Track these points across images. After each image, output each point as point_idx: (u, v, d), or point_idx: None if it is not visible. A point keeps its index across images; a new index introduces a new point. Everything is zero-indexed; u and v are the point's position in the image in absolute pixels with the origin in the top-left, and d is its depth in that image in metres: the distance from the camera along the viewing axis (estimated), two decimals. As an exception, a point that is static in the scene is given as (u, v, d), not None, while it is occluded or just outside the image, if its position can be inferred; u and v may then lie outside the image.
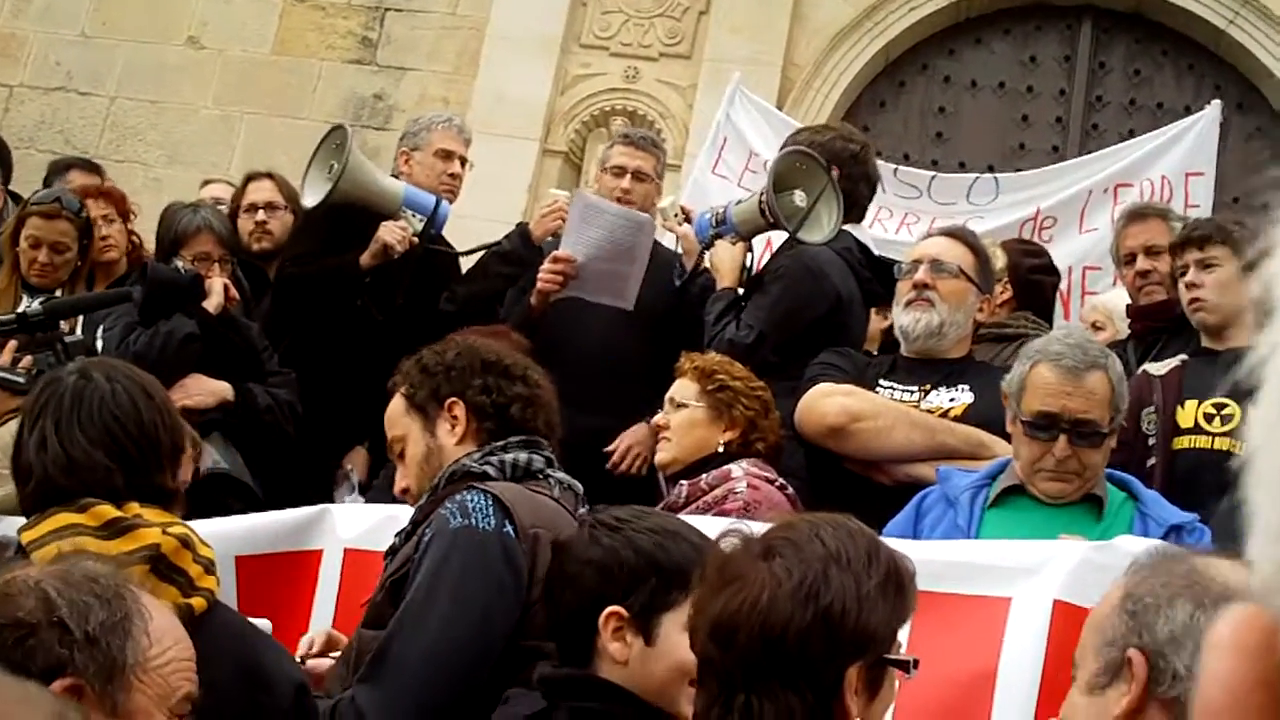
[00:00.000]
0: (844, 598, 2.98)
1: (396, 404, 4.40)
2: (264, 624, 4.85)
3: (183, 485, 4.14)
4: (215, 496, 6.38)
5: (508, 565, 3.91)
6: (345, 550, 5.16)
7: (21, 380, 5.84)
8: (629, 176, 7.34)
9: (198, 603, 3.65)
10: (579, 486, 4.33)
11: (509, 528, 3.94)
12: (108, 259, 7.60)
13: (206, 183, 9.34)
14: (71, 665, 2.69)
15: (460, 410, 4.29)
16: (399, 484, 4.39)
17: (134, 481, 3.78)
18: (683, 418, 5.68)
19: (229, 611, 3.93)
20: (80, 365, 4.05)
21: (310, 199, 7.13)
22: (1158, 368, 6.17)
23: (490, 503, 3.96)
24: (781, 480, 5.54)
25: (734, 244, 6.88)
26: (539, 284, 6.87)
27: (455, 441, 4.27)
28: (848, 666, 2.96)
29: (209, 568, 3.76)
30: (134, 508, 3.71)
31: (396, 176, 7.55)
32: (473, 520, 3.92)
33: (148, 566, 3.58)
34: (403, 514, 4.38)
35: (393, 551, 4.22)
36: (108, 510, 3.65)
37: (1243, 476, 1.02)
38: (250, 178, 8.45)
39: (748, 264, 6.93)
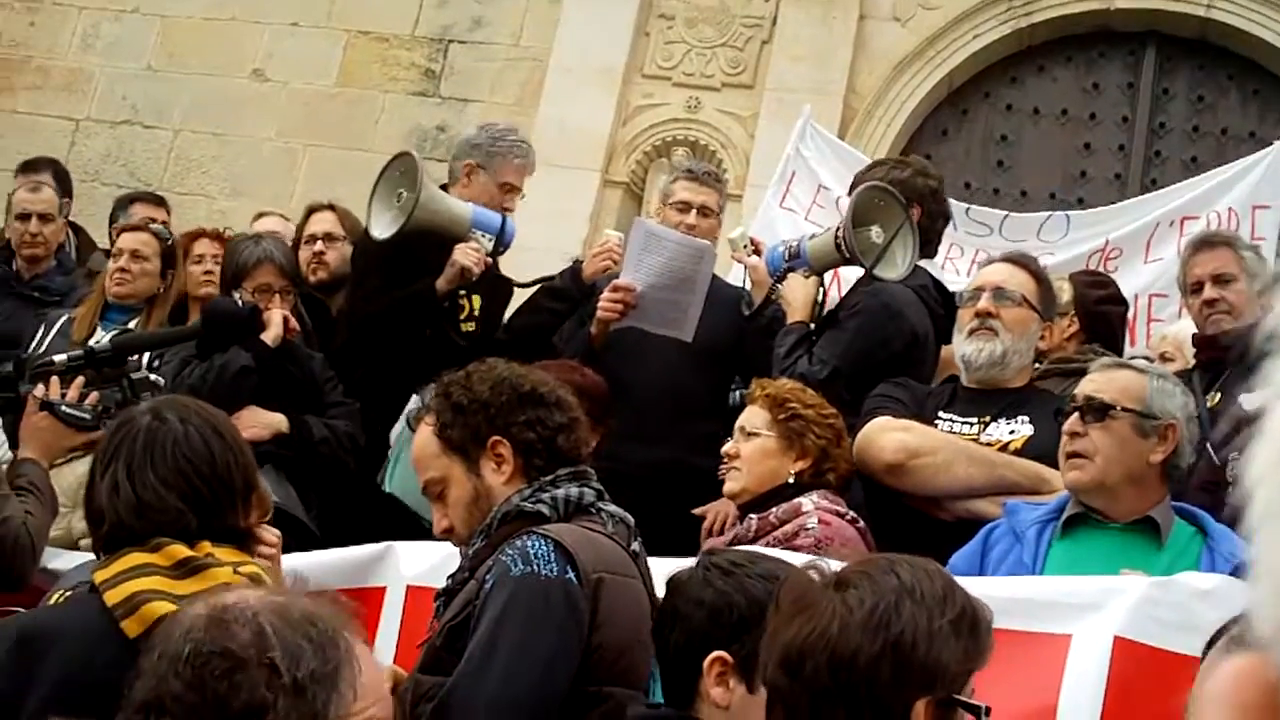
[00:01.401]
0: (914, 630, 2.98)
1: (429, 443, 4.28)
2: None
3: (256, 522, 4.14)
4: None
5: (570, 612, 3.87)
6: (408, 587, 5.15)
7: (88, 417, 5.86)
8: (694, 211, 7.29)
9: None
10: (630, 519, 4.28)
11: (571, 574, 3.89)
12: (205, 293, 7.66)
13: (260, 216, 9.34)
14: (273, 710, 2.65)
15: (505, 449, 4.21)
16: (440, 524, 4.28)
17: (206, 522, 3.79)
18: (754, 447, 5.59)
19: None
20: (154, 405, 4.05)
21: (381, 229, 7.04)
22: (1252, 400, 6.03)
23: (552, 548, 3.91)
24: (853, 514, 5.48)
25: (807, 278, 6.85)
26: (599, 313, 6.85)
27: (503, 481, 4.19)
28: (915, 700, 2.97)
29: None
30: (206, 547, 3.72)
31: (445, 187, 7.50)
32: (534, 567, 3.87)
33: None
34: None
35: (446, 593, 4.19)
36: (179, 550, 3.66)
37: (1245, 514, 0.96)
38: (312, 209, 8.48)
39: (819, 298, 6.90)
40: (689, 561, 4.27)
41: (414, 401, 6.15)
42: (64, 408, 5.87)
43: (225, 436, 3.96)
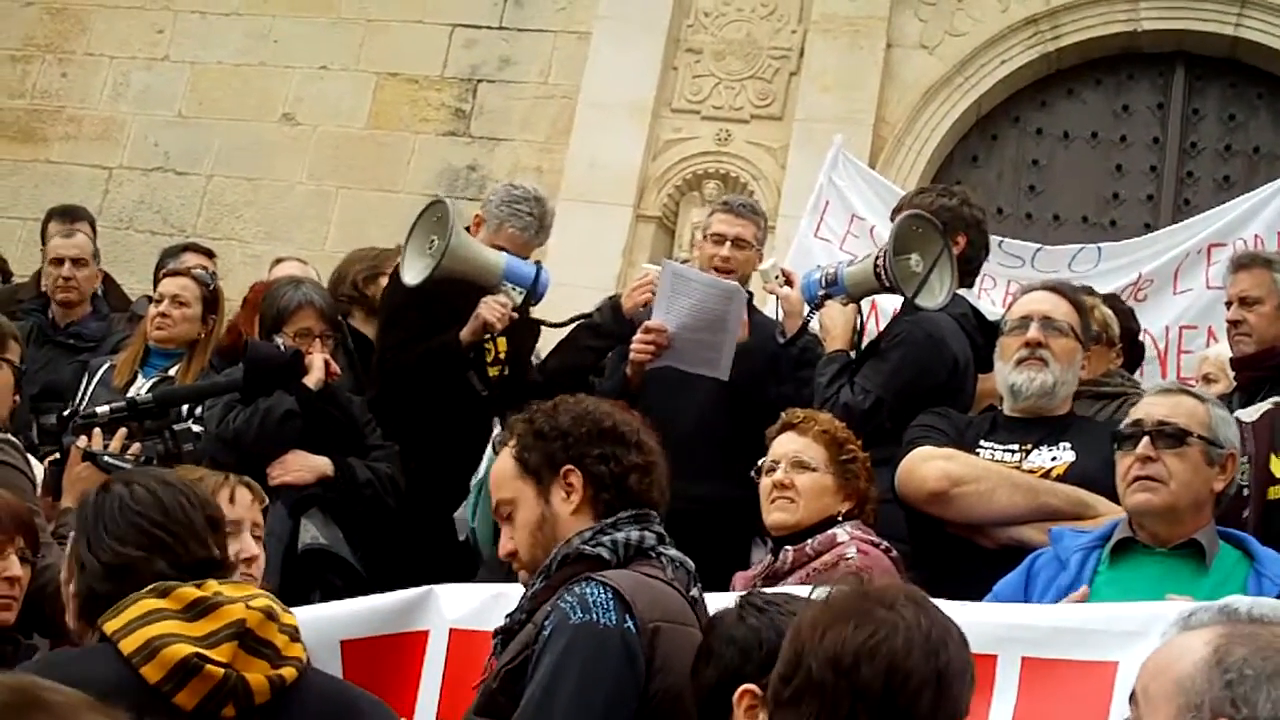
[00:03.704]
0: (955, 666, 3.03)
1: (506, 465, 4.29)
2: None
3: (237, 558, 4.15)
4: (315, 572, 6.41)
5: (628, 661, 3.84)
6: (451, 630, 5.11)
7: (130, 467, 5.90)
8: (728, 244, 7.27)
9: (288, 672, 3.65)
10: (690, 564, 4.24)
11: (629, 622, 3.87)
12: None
13: (278, 261, 9.35)
14: None
15: (577, 479, 4.19)
16: (505, 546, 4.26)
17: (177, 561, 3.79)
18: (812, 482, 5.56)
19: (320, 675, 3.92)
20: (104, 482, 4.08)
21: (411, 276, 7.04)
22: (1249, 413, 6.07)
23: (610, 596, 3.89)
24: (886, 544, 5.48)
25: (844, 305, 6.83)
26: (632, 354, 6.86)
27: (571, 511, 4.17)
28: None
29: (294, 635, 3.75)
30: (212, 585, 3.72)
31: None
32: (593, 615, 3.85)
33: (236, 643, 3.60)
34: (510, 592, 4.30)
35: (505, 632, 4.16)
36: (189, 592, 3.65)
37: None
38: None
39: (857, 326, 6.88)
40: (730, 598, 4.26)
41: (498, 429, 6.23)
42: (106, 458, 5.92)
43: (174, 484, 3.98)
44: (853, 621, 3.01)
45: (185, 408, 6.91)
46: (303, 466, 6.70)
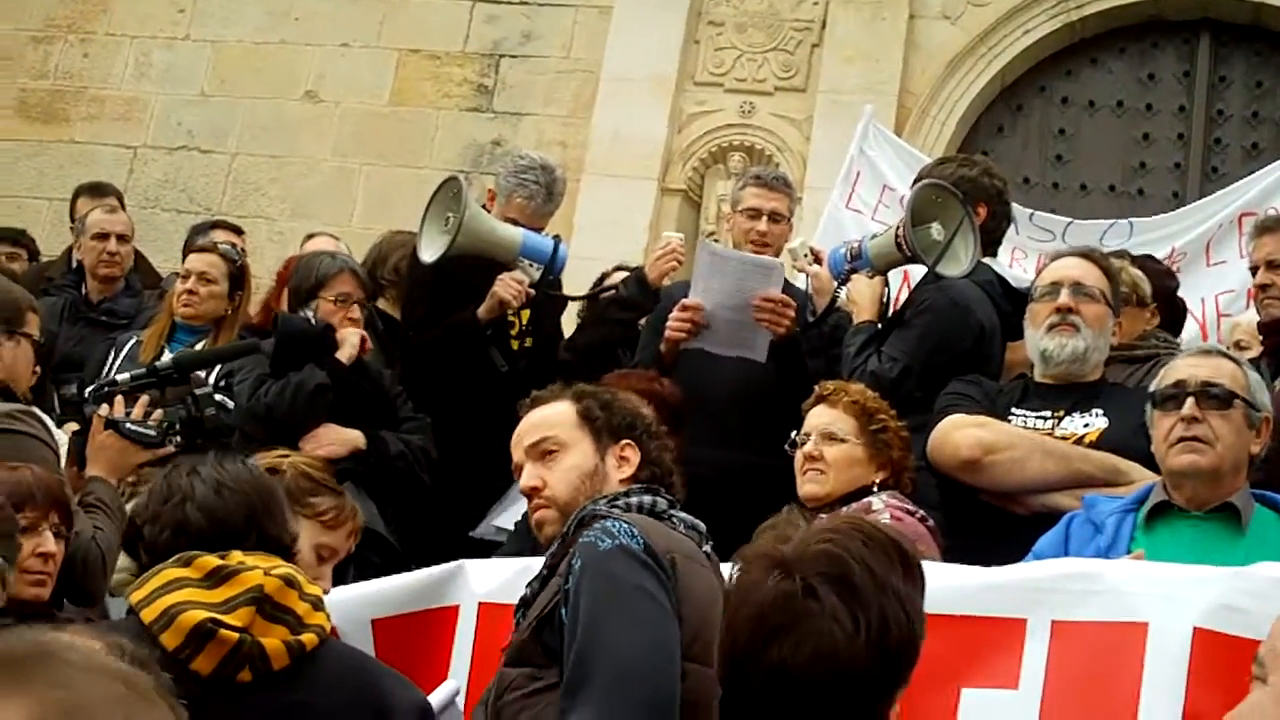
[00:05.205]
0: (900, 634, 3.01)
1: (563, 411, 4.36)
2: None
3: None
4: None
5: (666, 577, 3.89)
6: (480, 604, 5.11)
7: (153, 434, 5.91)
8: (765, 219, 7.27)
9: (308, 639, 3.69)
10: (701, 526, 4.27)
11: (654, 550, 3.92)
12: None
13: (310, 237, 9.36)
14: None
15: (633, 454, 4.31)
16: (530, 481, 4.30)
17: (264, 535, 3.82)
18: (842, 453, 5.58)
19: (343, 645, 3.97)
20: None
21: (428, 254, 7.05)
22: None
23: (630, 526, 3.94)
24: (922, 512, 5.47)
25: (870, 278, 6.82)
26: (667, 333, 6.80)
27: (620, 479, 4.27)
28: (896, 691, 3.05)
29: (317, 604, 3.79)
30: (236, 555, 3.75)
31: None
32: (622, 540, 3.88)
33: (253, 608, 3.62)
34: (537, 565, 4.32)
35: (525, 603, 4.16)
36: (210, 561, 3.70)
37: None
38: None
39: (884, 298, 6.86)
40: None
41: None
42: (129, 425, 5.92)
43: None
44: (792, 635, 2.97)
45: (213, 380, 6.91)
46: (335, 440, 6.71)
